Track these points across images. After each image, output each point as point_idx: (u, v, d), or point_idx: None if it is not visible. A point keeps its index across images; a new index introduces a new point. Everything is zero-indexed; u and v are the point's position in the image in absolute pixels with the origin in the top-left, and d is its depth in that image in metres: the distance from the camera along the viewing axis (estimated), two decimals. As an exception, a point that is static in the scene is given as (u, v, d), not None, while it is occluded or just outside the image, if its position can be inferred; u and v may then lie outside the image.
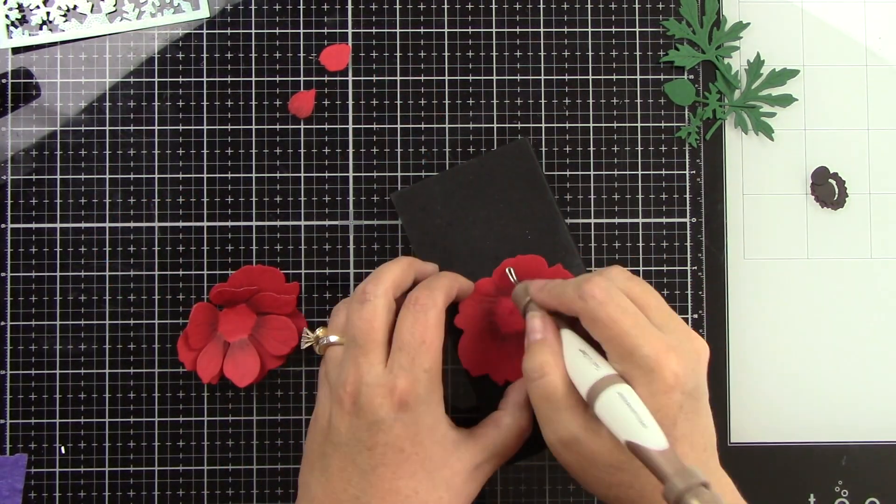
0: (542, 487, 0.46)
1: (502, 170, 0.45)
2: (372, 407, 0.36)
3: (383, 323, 0.38)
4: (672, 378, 0.35)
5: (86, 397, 0.46)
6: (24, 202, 0.46)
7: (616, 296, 0.36)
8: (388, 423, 0.37)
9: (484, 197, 0.45)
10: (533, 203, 0.45)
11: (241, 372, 0.44)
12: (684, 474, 0.31)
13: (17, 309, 0.46)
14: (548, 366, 0.37)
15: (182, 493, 0.46)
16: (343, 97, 0.47)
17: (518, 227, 0.45)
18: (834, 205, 0.48)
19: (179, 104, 0.46)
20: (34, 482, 0.46)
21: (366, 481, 0.37)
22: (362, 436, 0.37)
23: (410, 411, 0.37)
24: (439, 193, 0.45)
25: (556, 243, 0.44)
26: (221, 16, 0.47)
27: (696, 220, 0.47)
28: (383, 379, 0.37)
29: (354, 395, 0.37)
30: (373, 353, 0.38)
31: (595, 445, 0.36)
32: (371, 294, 0.38)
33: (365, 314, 0.38)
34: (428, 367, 0.37)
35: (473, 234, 0.44)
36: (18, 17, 0.46)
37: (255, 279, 0.45)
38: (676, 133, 0.47)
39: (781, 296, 0.48)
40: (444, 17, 0.47)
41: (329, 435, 0.38)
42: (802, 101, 0.48)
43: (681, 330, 0.37)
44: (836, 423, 0.47)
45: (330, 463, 0.38)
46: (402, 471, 0.37)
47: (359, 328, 0.38)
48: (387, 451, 0.37)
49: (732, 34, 0.47)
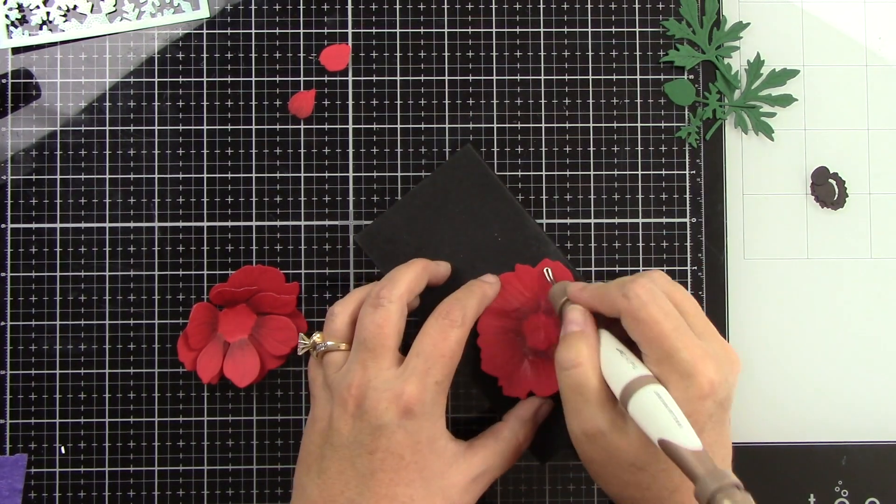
0: (542, 487, 0.46)
1: (455, 181, 0.45)
2: (377, 411, 0.36)
3: (395, 328, 0.38)
4: (707, 386, 0.35)
5: (86, 397, 0.46)
6: (24, 202, 0.46)
7: (659, 297, 0.36)
8: (391, 429, 0.37)
9: (445, 213, 0.44)
10: (494, 205, 0.45)
11: (241, 372, 0.44)
12: (717, 475, 0.31)
13: (17, 309, 0.46)
14: (582, 356, 0.37)
15: (182, 493, 0.46)
16: (343, 97, 0.47)
17: (485, 232, 0.44)
18: (834, 205, 0.48)
19: (179, 104, 0.46)
20: (34, 482, 0.46)
21: (363, 485, 0.37)
22: (364, 439, 0.37)
23: (414, 419, 0.37)
24: (402, 222, 0.44)
25: (528, 237, 0.44)
26: (221, 16, 0.47)
27: (696, 220, 0.47)
28: (391, 384, 0.37)
29: (360, 398, 0.37)
30: (382, 357, 0.38)
31: (620, 442, 0.36)
32: (386, 299, 0.38)
33: (378, 318, 0.38)
34: (440, 380, 0.38)
35: (445, 251, 0.44)
36: (18, 17, 0.46)
37: (255, 279, 0.45)
38: (676, 133, 0.47)
39: (781, 296, 0.48)
40: (444, 17, 0.47)
41: (329, 437, 0.38)
42: (802, 101, 0.48)
43: (717, 340, 0.37)
44: (836, 423, 0.47)
45: (328, 465, 0.37)
46: (400, 478, 0.37)
47: (371, 332, 0.38)
48: (387, 456, 0.37)
49: (732, 34, 0.47)
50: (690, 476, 0.32)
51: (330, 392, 0.39)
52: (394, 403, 0.36)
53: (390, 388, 0.37)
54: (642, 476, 0.36)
